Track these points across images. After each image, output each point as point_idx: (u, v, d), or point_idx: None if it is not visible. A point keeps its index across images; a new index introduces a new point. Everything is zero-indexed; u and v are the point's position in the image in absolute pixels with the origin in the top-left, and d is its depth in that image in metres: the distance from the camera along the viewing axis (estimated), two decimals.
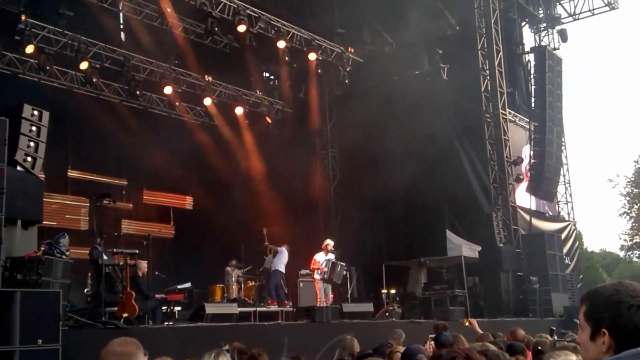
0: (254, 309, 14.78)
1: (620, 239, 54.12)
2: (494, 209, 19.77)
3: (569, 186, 27.12)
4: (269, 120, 21.87)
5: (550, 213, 25.80)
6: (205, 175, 19.93)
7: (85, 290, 13.30)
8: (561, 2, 26.76)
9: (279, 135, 21.93)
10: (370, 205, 21.12)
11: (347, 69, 20.13)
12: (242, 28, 17.29)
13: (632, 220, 42.05)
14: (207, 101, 20.00)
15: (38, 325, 7.47)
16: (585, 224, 54.53)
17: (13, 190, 9.15)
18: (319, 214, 21.40)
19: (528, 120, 22.88)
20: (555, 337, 8.02)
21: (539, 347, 6.39)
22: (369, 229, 21.05)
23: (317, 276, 14.66)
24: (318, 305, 14.02)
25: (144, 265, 12.94)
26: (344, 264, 15.41)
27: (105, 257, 12.08)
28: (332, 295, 15.22)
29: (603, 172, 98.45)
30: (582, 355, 2.36)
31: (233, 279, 16.24)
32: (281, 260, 16.54)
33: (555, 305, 19.27)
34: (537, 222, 22.78)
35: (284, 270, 16.56)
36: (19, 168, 9.68)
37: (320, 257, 14.67)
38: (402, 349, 6.52)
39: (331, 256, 14.77)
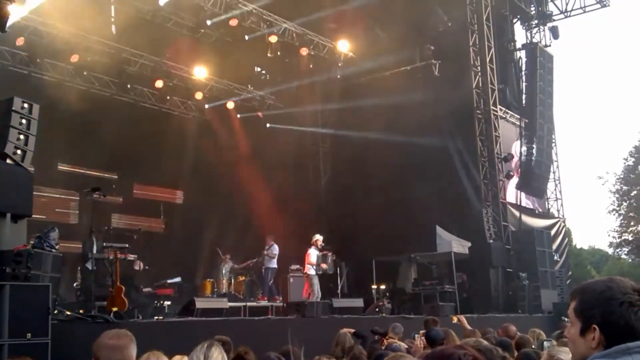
0: (244, 303, 14.80)
1: (609, 236, 54.20)
2: (484, 205, 19.82)
3: (559, 183, 27.19)
4: (260, 115, 21.85)
5: (540, 210, 25.86)
6: (196, 170, 19.85)
7: (74, 284, 13.28)
8: None
9: (270, 130, 21.89)
10: (361, 200, 21.12)
11: (339, 64, 20.11)
12: (234, 22, 17.25)
13: (621, 217, 42.33)
14: (199, 95, 19.95)
15: (27, 319, 7.45)
16: (574, 221, 54.70)
17: (2, 183, 9.13)
18: (309, 209, 21.38)
19: (519, 117, 22.92)
20: (544, 337, 8.06)
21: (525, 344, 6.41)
22: (359, 224, 21.05)
23: (312, 272, 14.77)
24: (310, 300, 14.07)
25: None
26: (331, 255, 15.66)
27: (95, 251, 12.08)
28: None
29: (593, 169, 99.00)
30: (570, 350, 2.37)
31: (223, 273, 16.23)
32: (274, 255, 16.65)
33: (544, 302, 19.37)
34: (526, 219, 22.83)
35: (276, 266, 16.72)
36: (8, 161, 9.62)
37: (313, 252, 14.84)
38: (401, 343, 6.55)
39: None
